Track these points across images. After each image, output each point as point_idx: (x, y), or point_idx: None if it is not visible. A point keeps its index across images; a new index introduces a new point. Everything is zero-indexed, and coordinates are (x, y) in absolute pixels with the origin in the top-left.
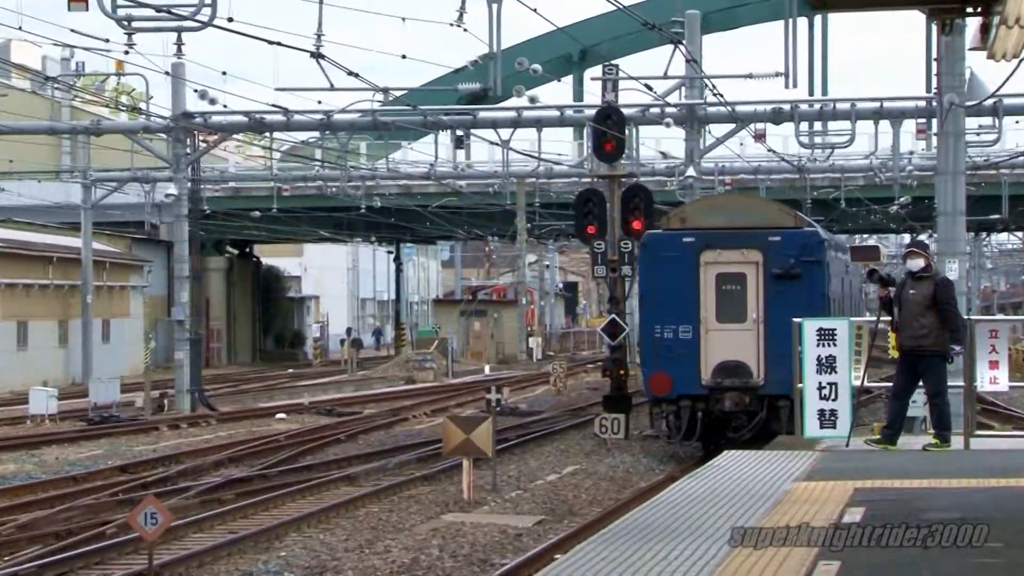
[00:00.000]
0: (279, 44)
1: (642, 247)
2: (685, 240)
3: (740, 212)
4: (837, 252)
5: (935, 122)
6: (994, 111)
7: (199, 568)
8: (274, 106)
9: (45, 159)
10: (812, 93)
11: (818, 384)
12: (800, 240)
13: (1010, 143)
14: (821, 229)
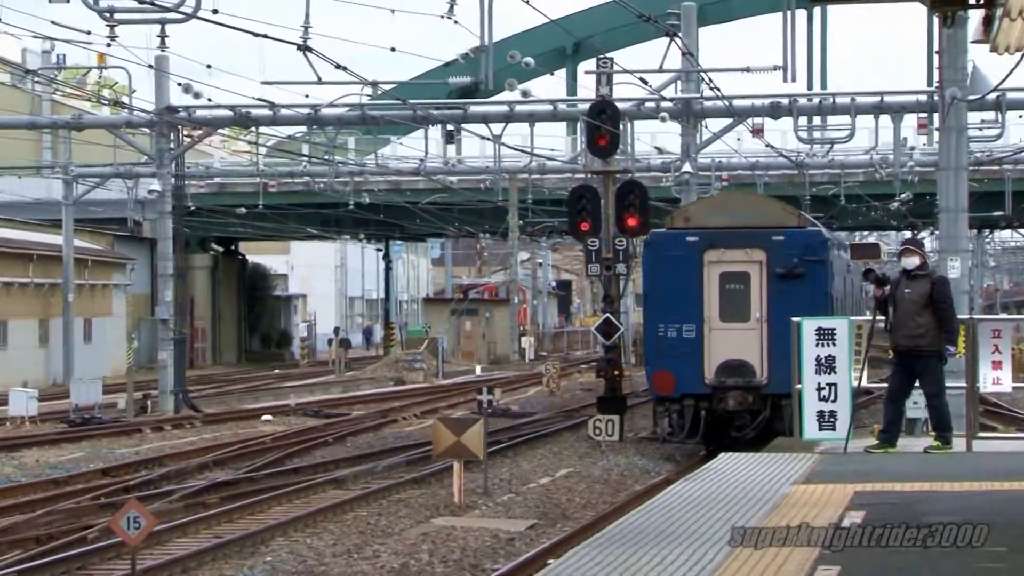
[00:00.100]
0: (265, 36)
1: (646, 246)
2: (689, 239)
3: (744, 211)
4: (839, 251)
5: (937, 116)
6: (997, 105)
7: (183, 574)
8: (260, 100)
9: (25, 154)
10: (811, 87)
11: (817, 385)
12: (804, 239)
13: (1013, 138)
14: (824, 228)
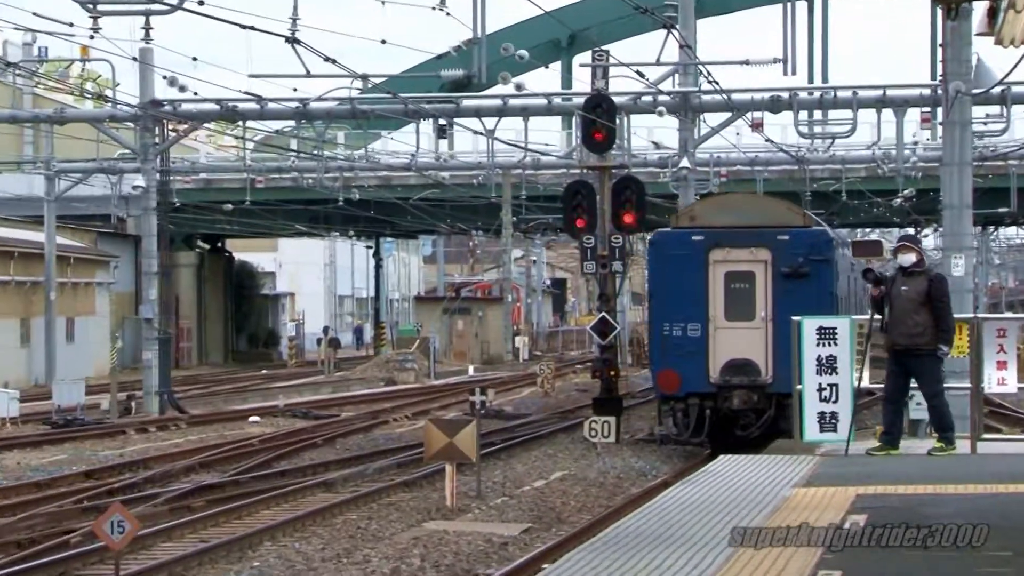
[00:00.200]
0: (252, 28)
1: (651, 245)
2: (694, 238)
3: (749, 211)
4: (844, 250)
5: (940, 111)
6: (1002, 99)
7: None
8: (247, 93)
9: (6, 149)
10: (812, 80)
11: (818, 385)
12: (809, 239)
13: (1018, 133)
14: (829, 228)
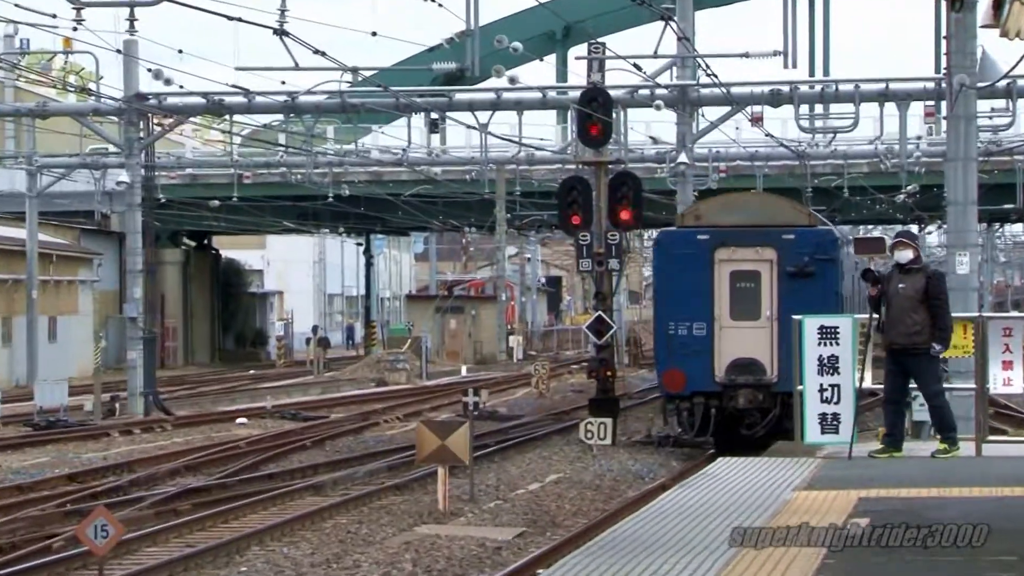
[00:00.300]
0: (239, 20)
1: (657, 244)
2: (699, 237)
3: (755, 210)
4: (849, 248)
5: (944, 105)
6: (1008, 93)
7: None
8: (234, 87)
9: None
10: (813, 74)
11: (819, 386)
12: (814, 239)
13: None
14: (835, 227)
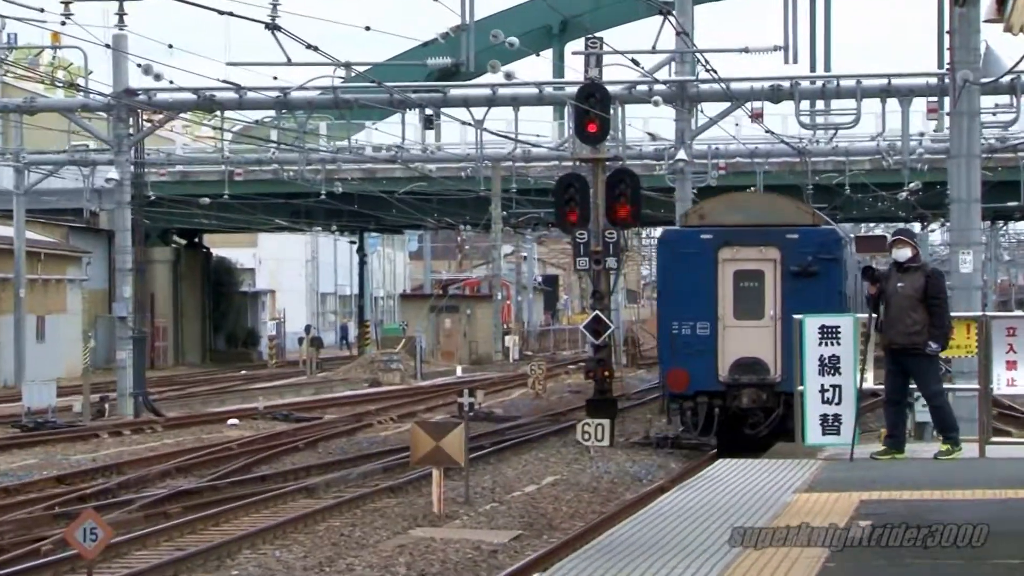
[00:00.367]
0: (230, 14)
1: (661, 243)
2: (703, 237)
3: (758, 209)
4: (852, 247)
5: (948, 100)
6: (1012, 88)
7: None
8: (225, 82)
9: None
10: (814, 69)
11: (820, 386)
12: (818, 238)
13: None
14: (838, 227)
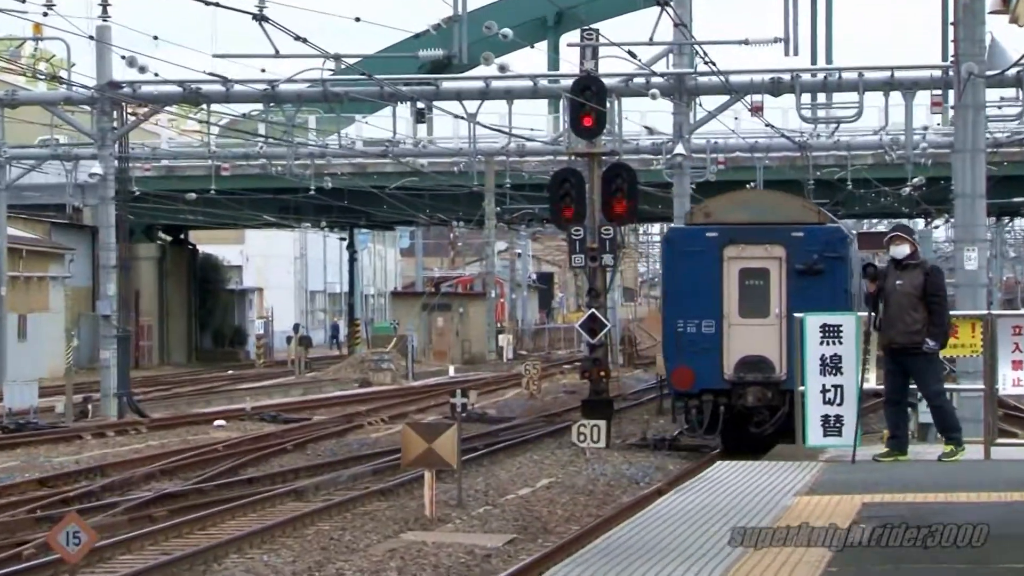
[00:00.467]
0: (217, 5)
1: (665, 242)
2: (708, 235)
3: (764, 207)
4: (857, 245)
5: (952, 94)
6: (1017, 81)
7: None
8: (212, 75)
9: None
10: (815, 62)
11: (822, 387)
12: (823, 236)
13: None
14: (844, 225)
